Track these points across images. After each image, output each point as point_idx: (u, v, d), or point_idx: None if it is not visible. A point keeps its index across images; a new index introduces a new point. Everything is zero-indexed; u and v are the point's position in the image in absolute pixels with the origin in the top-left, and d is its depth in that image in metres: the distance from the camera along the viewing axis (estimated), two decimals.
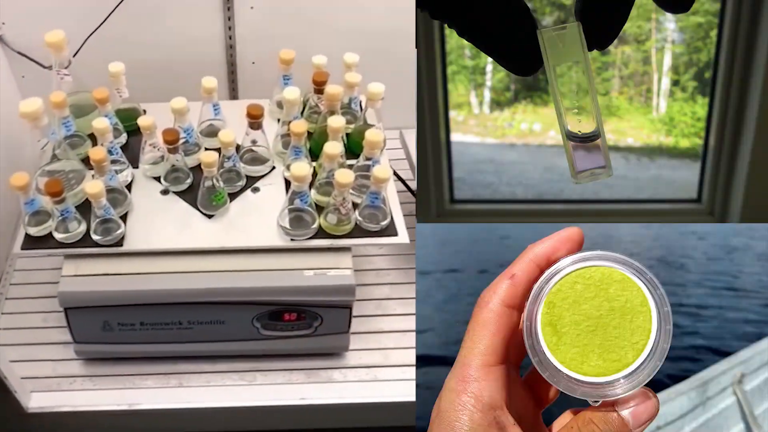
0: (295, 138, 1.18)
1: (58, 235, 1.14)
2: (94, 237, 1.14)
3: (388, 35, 1.51)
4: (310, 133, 1.27)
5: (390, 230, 1.19)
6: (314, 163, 1.23)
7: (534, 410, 0.45)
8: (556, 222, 1.68)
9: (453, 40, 1.59)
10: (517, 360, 0.44)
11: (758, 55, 1.48)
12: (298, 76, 1.30)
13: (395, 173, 1.49)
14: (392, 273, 1.44)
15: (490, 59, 1.50)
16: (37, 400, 1.22)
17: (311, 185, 1.19)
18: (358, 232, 1.19)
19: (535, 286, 0.41)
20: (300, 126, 1.17)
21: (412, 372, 1.29)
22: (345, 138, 1.27)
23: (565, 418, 0.42)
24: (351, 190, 1.16)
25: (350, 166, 1.18)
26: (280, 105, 1.32)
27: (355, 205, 1.18)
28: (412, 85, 1.49)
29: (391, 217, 1.20)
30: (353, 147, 1.27)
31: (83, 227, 1.15)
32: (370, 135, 1.15)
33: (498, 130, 1.74)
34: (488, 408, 0.39)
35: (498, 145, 1.75)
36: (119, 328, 1.19)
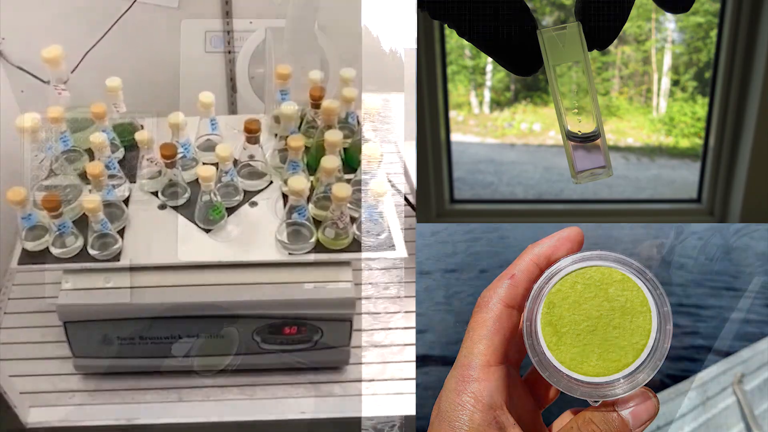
0: (293, 152, 1.18)
1: (55, 250, 1.13)
2: (91, 252, 1.14)
3: (387, 54, 1.51)
4: (307, 148, 1.27)
5: (388, 244, 1.19)
6: (311, 178, 1.23)
7: (534, 410, 0.45)
8: (556, 222, 1.68)
9: (453, 40, 1.59)
10: (517, 360, 0.44)
11: (758, 55, 1.48)
12: (294, 92, 1.30)
13: (393, 186, 1.48)
14: (392, 287, 1.44)
15: (490, 59, 1.51)
16: (36, 415, 1.22)
17: (308, 199, 1.19)
18: (355, 246, 1.18)
19: (535, 286, 0.41)
20: (297, 140, 1.17)
21: (412, 386, 1.28)
22: (342, 152, 1.27)
23: (565, 418, 0.42)
24: (348, 204, 1.16)
25: (348, 181, 1.18)
26: (277, 120, 1.31)
27: (352, 219, 1.18)
28: (410, 100, 1.49)
29: (389, 231, 1.20)
30: (350, 161, 1.27)
31: (80, 242, 1.14)
32: (367, 149, 1.15)
33: (498, 130, 1.74)
34: (488, 408, 0.39)
35: (498, 145, 1.75)
36: (118, 342, 1.18)
